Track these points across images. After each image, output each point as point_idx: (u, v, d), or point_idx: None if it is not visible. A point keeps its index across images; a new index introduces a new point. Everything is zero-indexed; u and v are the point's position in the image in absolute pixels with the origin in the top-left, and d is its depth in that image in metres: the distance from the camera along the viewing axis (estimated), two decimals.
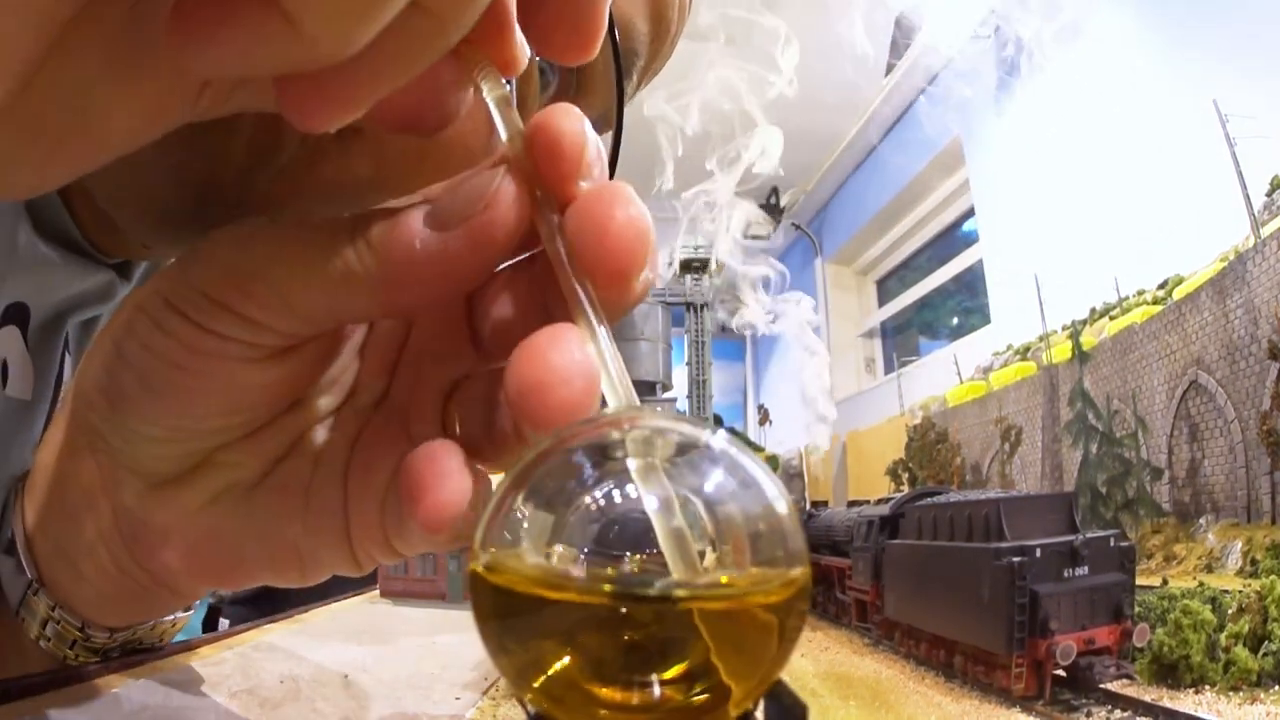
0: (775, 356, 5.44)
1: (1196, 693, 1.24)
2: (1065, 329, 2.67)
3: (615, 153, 0.35)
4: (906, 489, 3.07)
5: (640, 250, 0.20)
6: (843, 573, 1.93)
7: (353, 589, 1.15)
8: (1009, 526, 1.33)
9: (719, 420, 4.99)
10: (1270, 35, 2.02)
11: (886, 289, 4.74)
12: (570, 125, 0.20)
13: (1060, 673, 1.24)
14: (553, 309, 0.22)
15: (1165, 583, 1.64)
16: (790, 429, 4.73)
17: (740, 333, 5.08)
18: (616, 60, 0.32)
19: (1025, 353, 2.93)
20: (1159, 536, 2.07)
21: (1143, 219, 2.38)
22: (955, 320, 4.14)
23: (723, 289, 4.56)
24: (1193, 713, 1.13)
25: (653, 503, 0.16)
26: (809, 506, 2.73)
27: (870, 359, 4.78)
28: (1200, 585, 1.56)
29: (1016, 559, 1.24)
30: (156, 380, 0.23)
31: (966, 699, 1.30)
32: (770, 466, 0.17)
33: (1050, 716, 1.20)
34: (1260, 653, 1.26)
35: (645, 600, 0.16)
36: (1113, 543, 1.32)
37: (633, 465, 0.17)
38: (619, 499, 0.17)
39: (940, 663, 1.45)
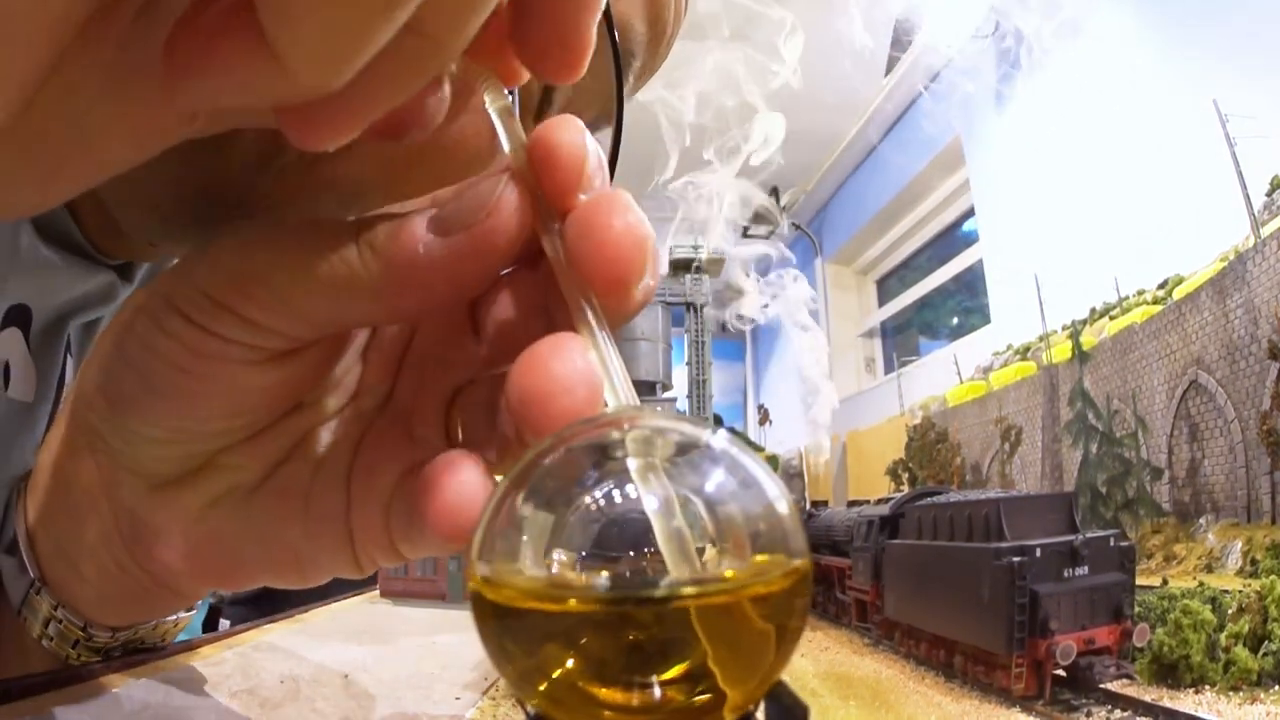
0: (775, 356, 5.44)
1: (1196, 693, 1.23)
2: (1065, 329, 2.67)
3: (615, 154, 0.35)
4: (906, 489, 3.06)
5: (639, 258, 0.20)
6: (843, 573, 1.93)
7: (353, 589, 1.15)
8: (1009, 526, 1.33)
9: (719, 420, 4.99)
10: (1270, 35, 2.02)
11: (886, 289, 4.74)
12: (571, 137, 0.21)
13: (1060, 673, 1.24)
14: (555, 314, 0.22)
15: (1165, 583, 1.64)
16: (790, 429, 4.73)
17: (738, 329, 5.07)
18: (616, 61, 0.32)
19: (1025, 353, 2.93)
20: (1159, 536, 2.07)
21: (1143, 219, 2.38)
22: (955, 320, 4.14)
23: (719, 287, 4.54)
24: (1193, 713, 1.13)
25: (653, 503, 0.16)
26: (809, 506, 2.73)
27: (870, 359, 4.78)
28: (1200, 585, 1.56)
29: (1016, 559, 1.24)
30: (158, 382, 0.23)
31: (966, 699, 1.30)
32: (770, 466, 0.17)
33: (1050, 716, 1.20)
34: (1260, 653, 1.26)
35: (645, 601, 0.16)
36: (1113, 543, 1.32)
37: (633, 465, 0.17)
38: (619, 499, 0.17)
39: (940, 663, 1.45)
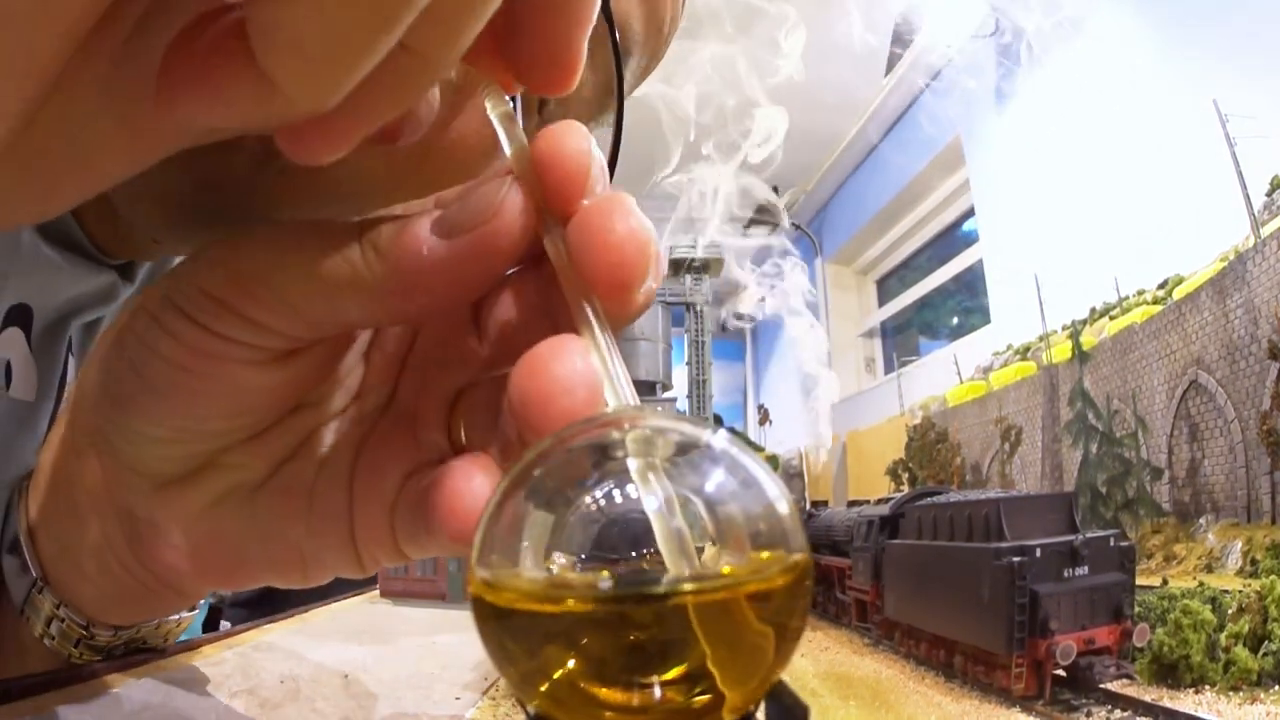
0: (775, 356, 5.44)
1: (1196, 693, 1.24)
2: (1065, 329, 2.67)
3: (615, 152, 0.35)
4: (906, 489, 3.06)
5: (641, 262, 0.20)
6: (843, 573, 1.93)
7: (353, 589, 1.15)
8: (1009, 526, 1.33)
9: (719, 420, 4.99)
10: (1270, 35, 2.02)
11: (886, 289, 4.74)
12: (577, 144, 0.21)
13: (1060, 673, 1.24)
14: (558, 316, 0.22)
15: (1165, 583, 1.64)
16: (790, 429, 4.73)
17: (737, 327, 5.05)
18: (618, 61, 0.32)
19: (1025, 353, 2.93)
20: (1159, 536, 2.07)
21: (1143, 219, 2.38)
22: (955, 320, 4.14)
23: (719, 286, 4.53)
24: (1193, 713, 1.13)
25: (653, 503, 0.16)
26: (809, 506, 2.73)
27: (870, 359, 4.78)
28: (1200, 585, 1.56)
29: (1016, 559, 1.24)
30: (160, 382, 0.23)
31: (966, 699, 1.30)
32: (770, 466, 0.17)
33: (1050, 716, 1.20)
34: (1260, 653, 1.26)
35: (645, 601, 0.16)
36: (1113, 543, 1.32)
37: (633, 465, 0.17)
38: (619, 499, 0.17)
39: (940, 663, 1.45)
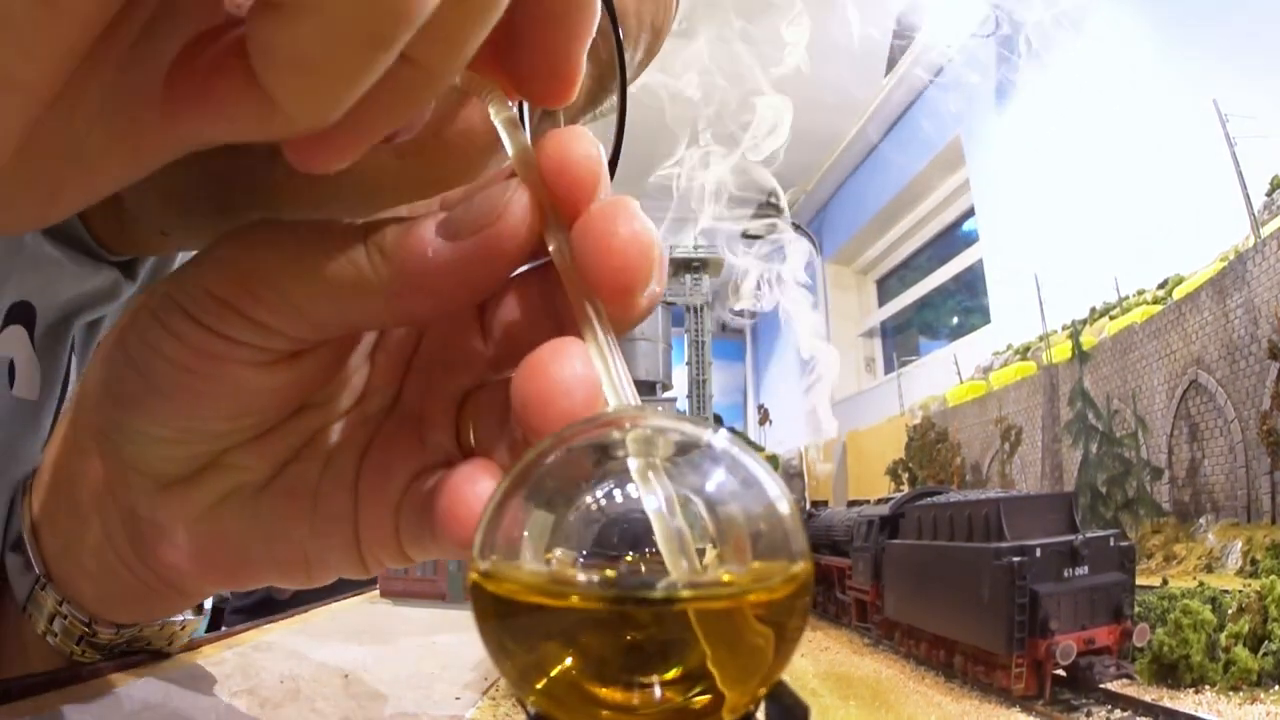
0: (775, 356, 5.44)
1: (1196, 693, 1.23)
2: (1065, 329, 2.67)
3: (617, 151, 0.35)
4: (906, 489, 3.06)
5: (644, 265, 0.20)
6: (843, 573, 1.93)
7: (353, 589, 1.16)
8: (1009, 526, 1.33)
9: (719, 420, 4.99)
10: (1270, 35, 2.02)
11: (886, 289, 4.74)
12: (583, 150, 0.21)
13: (1060, 673, 1.24)
14: (562, 318, 0.23)
15: (1165, 583, 1.64)
16: (790, 429, 4.73)
17: (736, 325, 5.03)
18: (620, 62, 0.32)
19: (1025, 352, 2.93)
20: (1159, 536, 2.07)
21: (1143, 219, 2.38)
22: (955, 320, 4.14)
23: (718, 286, 4.53)
24: (1193, 713, 1.13)
25: (653, 502, 0.16)
26: (809, 506, 2.73)
27: (870, 359, 4.78)
28: (1200, 585, 1.56)
29: (1016, 559, 1.24)
30: (163, 382, 0.23)
31: (966, 699, 1.30)
32: (770, 466, 0.17)
33: (1050, 716, 1.19)
34: (1260, 653, 1.26)
35: (645, 602, 0.16)
36: (1113, 542, 1.32)
37: (633, 465, 0.17)
38: (619, 499, 0.17)
39: (940, 663, 1.45)
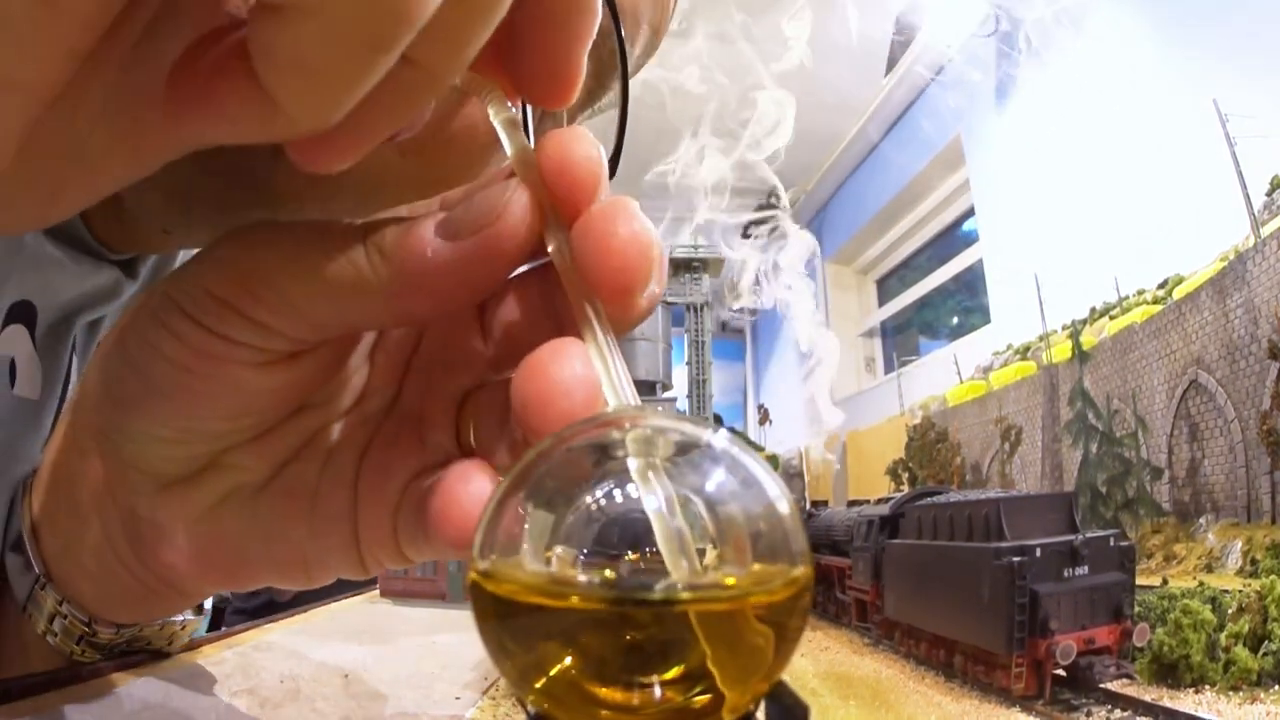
0: (775, 356, 5.44)
1: (1196, 692, 1.24)
2: (1065, 329, 2.67)
3: (618, 150, 0.35)
4: (906, 489, 3.07)
5: (643, 266, 0.20)
6: (843, 573, 1.93)
7: (353, 589, 1.16)
8: (1009, 526, 1.33)
9: (719, 420, 4.99)
10: (1270, 35, 2.02)
11: (886, 288, 4.74)
12: (583, 151, 0.21)
13: (1060, 672, 1.24)
14: (562, 317, 0.23)
15: (1165, 582, 1.64)
16: (790, 429, 4.73)
17: (736, 323, 5.01)
18: (623, 62, 0.32)
19: (1025, 352, 2.93)
20: (1159, 536, 2.07)
21: (1143, 219, 2.38)
22: (955, 320, 4.14)
23: (718, 286, 4.52)
24: (1193, 712, 1.13)
25: (653, 502, 0.16)
26: (809, 506, 2.73)
27: (870, 358, 4.78)
28: (1200, 585, 1.56)
29: (1016, 559, 1.24)
30: (163, 383, 0.23)
31: (966, 699, 1.30)
32: (770, 466, 0.17)
33: (1050, 716, 1.20)
34: (1260, 652, 1.26)
35: (644, 602, 0.16)
36: (1113, 542, 1.32)
37: (633, 465, 0.17)
38: (619, 498, 0.17)
39: (940, 662, 1.45)
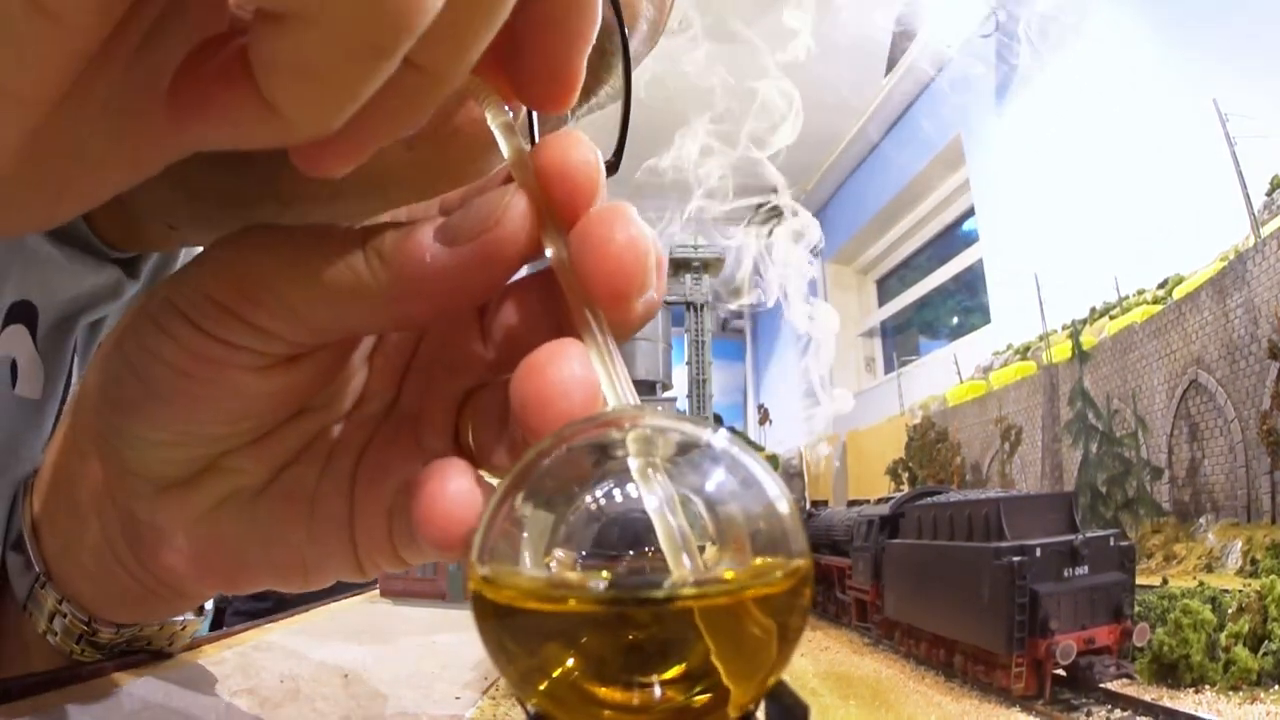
0: (775, 356, 5.44)
1: (1196, 692, 1.23)
2: (1065, 328, 2.67)
3: (620, 149, 0.35)
4: (906, 489, 3.06)
5: (640, 271, 0.20)
6: (843, 572, 1.93)
7: (353, 589, 1.15)
8: (1009, 526, 1.33)
9: (719, 420, 4.99)
10: (1270, 35, 2.02)
11: (886, 288, 4.74)
12: (581, 155, 0.21)
13: (1060, 672, 1.24)
14: (562, 320, 0.22)
15: (1165, 582, 1.64)
16: (790, 429, 4.72)
17: (736, 322, 4.98)
18: (626, 62, 0.32)
19: (1025, 352, 2.93)
20: (1159, 536, 2.07)
21: (1143, 219, 2.38)
22: (955, 320, 4.14)
23: (719, 286, 4.51)
24: (1193, 712, 1.13)
25: (653, 502, 0.16)
26: (809, 506, 2.73)
27: (870, 358, 4.78)
28: (1200, 585, 1.56)
29: (1016, 558, 1.24)
30: (162, 386, 0.23)
31: (966, 698, 1.30)
32: (770, 466, 0.17)
33: (1050, 716, 1.19)
34: (1260, 652, 1.26)
35: (645, 602, 0.16)
36: (1113, 542, 1.31)
37: (633, 464, 0.17)
38: (619, 498, 0.17)
39: (940, 662, 1.45)
